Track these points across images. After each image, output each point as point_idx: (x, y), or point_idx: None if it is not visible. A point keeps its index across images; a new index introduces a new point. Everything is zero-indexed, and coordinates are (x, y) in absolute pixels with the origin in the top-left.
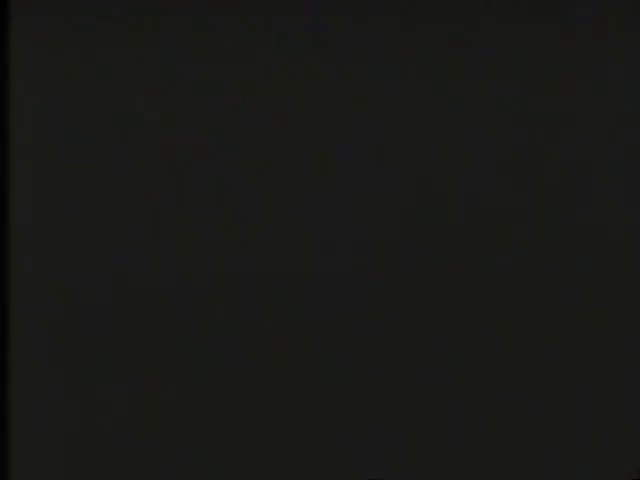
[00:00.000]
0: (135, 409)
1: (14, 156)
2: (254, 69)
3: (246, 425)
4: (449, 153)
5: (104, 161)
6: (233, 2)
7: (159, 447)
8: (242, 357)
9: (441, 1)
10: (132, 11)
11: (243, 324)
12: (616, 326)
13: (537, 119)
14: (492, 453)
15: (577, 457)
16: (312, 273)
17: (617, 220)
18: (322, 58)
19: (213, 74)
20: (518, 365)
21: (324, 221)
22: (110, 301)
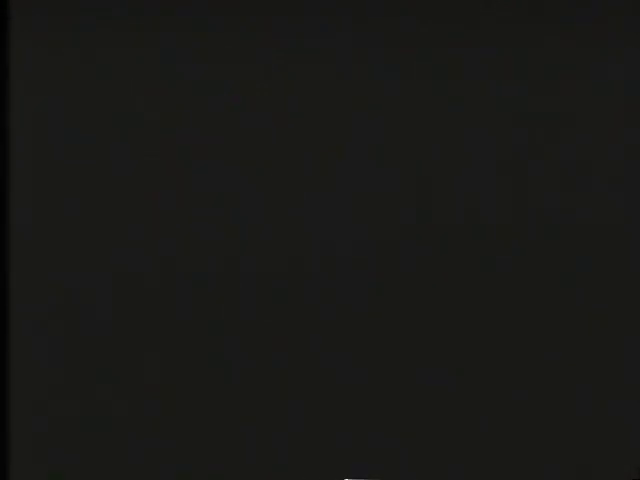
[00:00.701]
0: (135, 409)
1: (14, 156)
2: (254, 69)
3: (246, 425)
4: (449, 153)
5: (104, 161)
6: (233, 2)
7: (159, 447)
8: (242, 357)
9: (441, 1)
10: (132, 11)
11: (243, 324)
12: (616, 326)
13: (537, 119)
14: (492, 453)
15: (577, 457)
16: (312, 273)
17: (617, 220)
18: (322, 58)
19: (213, 74)
20: (518, 365)
21: (324, 221)
22: (110, 301)
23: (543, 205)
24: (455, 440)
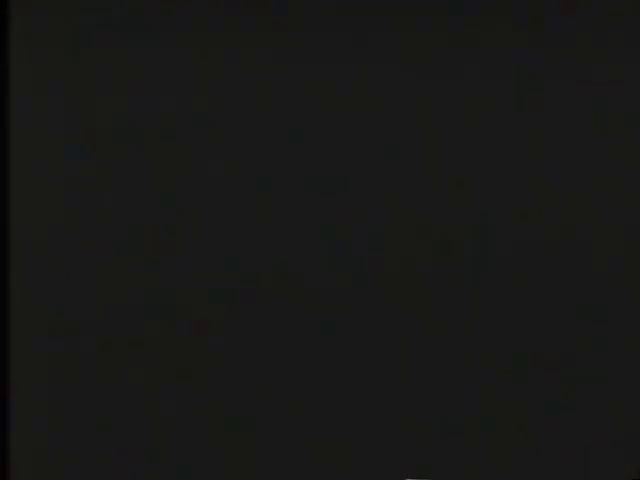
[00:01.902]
0: (135, 409)
1: (14, 156)
2: (254, 69)
3: (246, 425)
4: (450, 153)
5: (104, 161)
6: (233, 2)
7: (159, 447)
8: (242, 357)
9: (441, 1)
10: (132, 11)
11: (243, 324)
12: (616, 326)
13: (537, 119)
14: (492, 453)
15: (577, 457)
16: (312, 273)
17: (617, 220)
18: (322, 58)
19: (213, 74)
20: (518, 365)
21: (324, 221)
22: (110, 301)
23: (543, 205)
24: (455, 440)
